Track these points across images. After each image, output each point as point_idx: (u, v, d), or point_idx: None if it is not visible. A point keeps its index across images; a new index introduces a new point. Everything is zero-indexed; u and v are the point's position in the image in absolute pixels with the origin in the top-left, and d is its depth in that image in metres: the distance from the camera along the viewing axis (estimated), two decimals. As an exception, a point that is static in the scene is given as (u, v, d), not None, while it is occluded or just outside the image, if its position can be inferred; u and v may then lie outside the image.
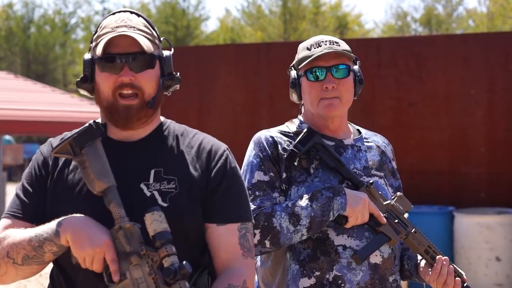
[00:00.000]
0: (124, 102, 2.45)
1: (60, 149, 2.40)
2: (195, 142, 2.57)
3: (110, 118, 2.50)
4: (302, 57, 3.14)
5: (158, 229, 2.27)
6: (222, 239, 2.50)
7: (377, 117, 8.82)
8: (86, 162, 2.37)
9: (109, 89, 2.45)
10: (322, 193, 2.98)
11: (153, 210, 2.28)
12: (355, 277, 3.02)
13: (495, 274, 8.06)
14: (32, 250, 2.36)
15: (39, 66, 43.83)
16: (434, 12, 41.52)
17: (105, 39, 2.44)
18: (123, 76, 2.43)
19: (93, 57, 2.49)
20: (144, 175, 2.46)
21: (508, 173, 8.69)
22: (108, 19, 2.54)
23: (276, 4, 40.32)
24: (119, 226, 2.31)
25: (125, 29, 2.47)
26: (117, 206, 2.33)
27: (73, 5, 49.84)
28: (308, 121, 3.19)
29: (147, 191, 2.44)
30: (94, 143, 2.40)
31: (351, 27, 42.05)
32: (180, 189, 2.45)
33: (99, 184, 2.35)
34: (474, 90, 8.89)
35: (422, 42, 9.90)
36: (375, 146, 3.25)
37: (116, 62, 2.44)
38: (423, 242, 3.16)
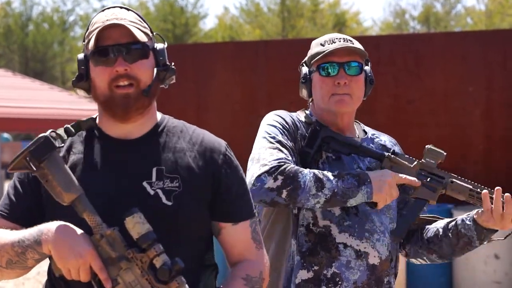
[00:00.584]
0: (121, 91, 2.42)
1: (17, 165, 2.35)
2: (195, 139, 2.56)
3: (108, 111, 2.47)
4: (315, 53, 3.15)
5: (142, 231, 2.26)
6: (238, 237, 2.54)
7: (375, 115, 8.83)
8: (48, 175, 2.33)
9: (105, 83, 2.43)
10: (348, 177, 2.94)
11: (133, 213, 2.27)
12: (352, 276, 3.03)
13: (493, 272, 8.07)
14: (15, 255, 2.35)
15: (37, 63, 43.81)
16: (432, 9, 41.54)
17: (95, 33, 2.43)
18: (117, 67, 2.41)
19: (86, 55, 2.48)
20: (146, 174, 2.43)
21: (506, 170, 8.69)
22: (98, 15, 2.52)
23: (275, 1, 40.32)
24: (100, 234, 2.29)
25: (116, 21, 2.45)
26: (92, 214, 2.31)
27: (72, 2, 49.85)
28: (316, 116, 3.19)
29: (151, 190, 2.42)
30: (53, 155, 2.35)
31: (350, 25, 42.05)
32: (183, 188, 2.44)
33: (68, 196, 2.31)
34: (472, 88, 8.90)
35: (420, 39, 9.90)
36: (382, 145, 3.24)
37: (109, 55, 2.43)
38: (463, 189, 3.08)
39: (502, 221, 3.05)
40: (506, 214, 3.05)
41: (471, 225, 3.11)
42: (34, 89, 19.53)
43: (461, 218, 3.16)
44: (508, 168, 8.70)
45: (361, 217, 3.07)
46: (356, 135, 3.22)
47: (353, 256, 3.04)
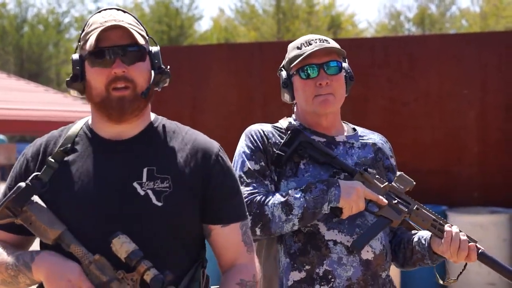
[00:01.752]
0: (117, 94, 2.42)
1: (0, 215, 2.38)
2: (188, 140, 2.55)
3: (104, 112, 2.46)
4: (293, 56, 3.16)
5: (130, 249, 2.29)
6: (228, 240, 2.54)
7: (370, 117, 8.83)
8: (32, 217, 2.36)
9: (101, 84, 2.42)
10: (316, 185, 2.99)
11: (118, 235, 2.30)
12: (345, 272, 3.04)
13: (487, 273, 8.07)
14: (8, 276, 2.39)
15: (33, 65, 43.76)
16: (427, 11, 41.57)
17: (95, 34, 2.42)
18: (115, 69, 2.41)
19: (81, 55, 2.47)
20: (136, 174, 2.43)
21: (501, 172, 8.70)
22: (94, 16, 2.52)
23: (270, 3, 40.32)
24: (88, 261, 2.32)
25: (114, 22, 2.45)
26: (77, 246, 2.34)
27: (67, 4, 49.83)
28: (301, 120, 3.21)
29: (141, 190, 2.41)
30: (33, 199, 2.38)
31: (345, 27, 42.05)
32: (174, 188, 2.44)
33: (53, 232, 2.34)
34: (467, 90, 8.91)
35: (415, 41, 9.91)
36: (371, 143, 3.26)
37: (107, 56, 2.42)
38: (427, 217, 3.14)
39: (455, 257, 3.13)
40: (461, 252, 3.11)
41: (425, 246, 3.17)
42: (29, 91, 19.50)
43: (418, 236, 3.21)
44: (502, 170, 8.71)
45: None
46: (344, 133, 3.23)
47: (344, 252, 3.05)
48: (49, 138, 2.55)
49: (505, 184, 8.67)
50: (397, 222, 3.11)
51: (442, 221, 3.15)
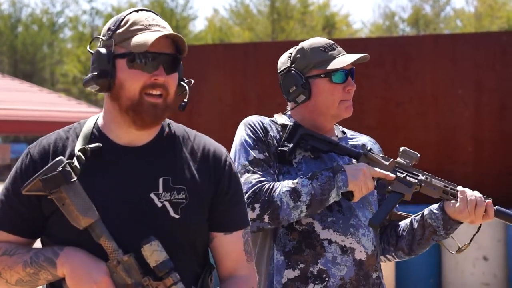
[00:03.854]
0: (151, 100, 2.36)
1: (32, 187, 2.32)
2: (197, 146, 2.51)
3: (132, 117, 2.37)
4: (321, 59, 3.17)
5: (160, 259, 2.26)
6: (229, 248, 2.51)
7: (364, 117, 8.84)
8: (66, 199, 2.30)
9: (137, 87, 2.35)
10: (322, 173, 3.02)
11: (150, 241, 2.27)
12: (339, 272, 3.05)
13: (482, 274, 8.09)
14: (26, 275, 2.33)
15: (27, 65, 43.73)
16: (421, 12, 41.63)
17: (147, 36, 2.35)
18: (159, 76, 2.35)
19: (112, 52, 2.38)
20: (153, 184, 2.39)
21: (495, 173, 8.72)
22: (134, 16, 2.43)
23: (264, 3, 40.35)
24: (116, 260, 2.28)
25: (159, 28, 2.40)
26: (108, 240, 2.29)
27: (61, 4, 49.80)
28: (301, 119, 3.22)
29: (158, 202, 2.37)
30: (71, 182, 2.31)
31: (339, 27, 42.11)
32: (190, 199, 2.41)
33: (85, 220, 2.29)
34: (462, 90, 8.92)
35: (409, 42, 9.93)
36: (361, 145, 3.28)
37: (151, 61, 2.36)
38: (438, 184, 3.15)
39: (473, 215, 3.12)
40: (478, 208, 3.11)
41: (438, 214, 3.16)
42: (23, 91, 19.48)
43: (428, 209, 3.21)
44: (496, 170, 8.72)
45: (345, 213, 3.10)
46: (334, 135, 3.26)
47: (338, 252, 3.06)
48: (57, 139, 2.45)
49: (500, 184, 8.68)
50: (409, 195, 3.12)
51: (453, 185, 3.16)
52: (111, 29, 2.42)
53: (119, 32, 2.39)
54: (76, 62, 40.22)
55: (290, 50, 3.26)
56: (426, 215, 3.19)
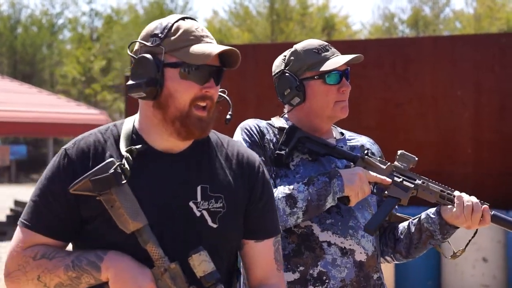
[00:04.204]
0: (199, 113, 2.35)
1: (80, 187, 2.27)
2: (231, 152, 2.50)
3: (178, 128, 2.35)
4: (315, 61, 3.17)
5: (208, 270, 2.26)
6: (260, 256, 2.50)
7: (363, 118, 8.85)
8: (116, 202, 2.27)
9: (188, 98, 2.33)
10: (318, 178, 3.01)
11: (199, 251, 2.26)
12: (339, 273, 3.05)
13: (481, 275, 8.09)
14: (68, 279, 2.30)
15: (26, 66, 43.71)
16: (421, 13, 41.63)
17: (207, 49, 2.33)
18: (210, 89, 2.36)
19: (163, 61, 2.34)
20: (191, 192, 2.37)
21: (495, 173, 8.72)
22: (184, 24, 2.39)
23: (264, 5, 40.35)
24: (164, 268, 2.27)
25: (209, 39, 2.38)
26: (155, 246, 2.27)
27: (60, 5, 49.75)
28: (297, 121, 3.22)
29: (197, 211, 2.36)
30: (122, 185, 2.29)
31: (338, 28, 42.11)
32: (227, 208, 2.40)
33: (134, 224, 2.26)
34: (461, 91, 8.92)
35: (409, 43, 9.92)
36: (359, 146, 3.28)
37: (204, 73, 2.35)
38: (435, 189, 3.13)
39: (470, 221, 3.10)
40: (475, 214, 3.09)
41: (435, 218, 3.15)
42: (22, 93, 19.49)
43: (425, 213, 3.20)
44: (496, 170, 8.72)
45: (344, 214, 3.10)
46: (332, 136, 3.25)
47: (338, 253, 3.06)
48: (96, 141, 2.40)
49: (500, 184, 8.68)
50: (406, 200, 3.11)
51: (450, 190, 3.14)
52: (158, 35, 2.37)
53: (169, 40, 2.36)
54: (75, 63, 40.21)
55: (284, 52, 3.26)
56: (423, 219, 3.18)
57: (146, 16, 42.42)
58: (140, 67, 2.36)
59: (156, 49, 2.35)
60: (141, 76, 2.34)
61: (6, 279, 2.37)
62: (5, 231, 16.34)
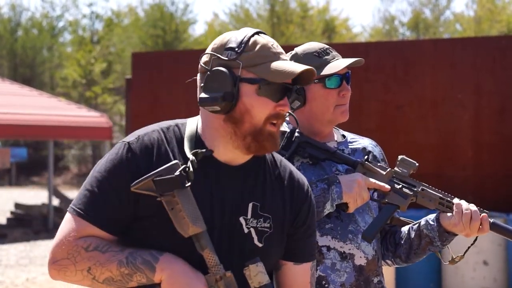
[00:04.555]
0: (271, 129, 2.35)
1: (143, 186, 2.26)
2: (283, 172, 2.50)
3: (249, 142, 2.34)
4: (318, 64, 3.17)
5: (263, 282, 2.26)
6: (297, 279, 2.50)
7: (364, 120, 8.85)
8: (177, 204, 2.25)
9: (264, 115, 2.33)
10: (317, 184, 3.01)
11: (257, 262, 2.27)
12: (339, 278, 3.05)
13: (482, 278, 8.09)
14: (119, 275, 2.28)
15: (26, 69, 43.72)
16: (421, 16, 41.65)
17: (287, 67, 2.33)
18: (285, 107, 2.34)
19: (240, 76, 2.33)
20: (242, 207, 2.38)
21: (495, 175, 8.72)
22: (260, 39, 2.38)
23: (264, 8, 40.38)
24: (219, 275, 2.26)
25: (284, 56, 2.38)
26: (212, 252, 2.26)
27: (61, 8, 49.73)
28: (301, 126, 3.22)
29: (245, 227, 2.37)
30: (185, 187, 2.27)
31: (339, 31, 42.12)
32: (274, 229, 2.40)
33: (193, 229, 2.25)
34: (461, 94, 8.93)
35: (409, 46, 9.93)
36: (361, 148, 3.27)
37: (279, 90, 2.34)
38: (434, 196, 3.12)
39: (468, 229, 3.10)
40: (474, 222, 3.09)
41: (434, 225, 3.15)
42: (23, 95, 19.50)
43: (425, 219, 3.20)
44: (496, 173, 8.72)
45: (344, 219, 3.10)
46: (334, 139, 3.25)
47: (337, 258, 3.06)
48: (159, 139, 2.38)
49: (500, 186, 8.69)
50: (405, 207, 3.11)
51: (449, 197, 3.14)
52: (235, 49, 2.35)
53: (247, 55, 2.34)
54: (76, 66, 40.19)
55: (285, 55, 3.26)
56: (422, 226, 3.18)
57: (147, 18, 42.44)
58: (214, 81, 2.34)
59: (232, 63, 2.33)
60: (216, 90, 2.33)
61: (51, 266, 2.33)
62: (5, 233, 16.34)
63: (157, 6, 42.44)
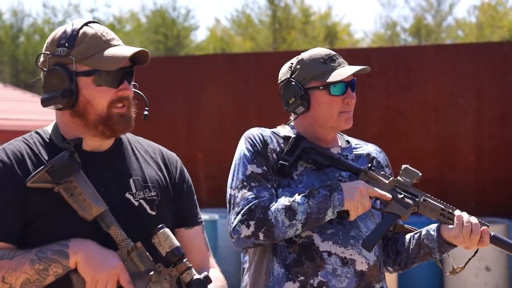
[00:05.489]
0: (119, 110, 2.42)
1: (38, 178, 2.32)
2: (151, 148, 2.61)
3: (102, 129, 2.42)
4: (321, 71, 3.16)
5: (173, 245, 2.32)
6: (193, 242, 2.59)
7: (366, 126, 8.85)
8: (76, 189, 2.32)
9: (105, 103, 2.40)
10: (319, 191, 3.02)
11: (162, 228, 2.32)
12: (340, 283, 3.05)
13: (484, 284, 8.08)
14: (35, 273, 2.30)
15: (28, 75, 43.72)
16: (423, 22, 41.64)
17: (117, 53, 2.38)
18: (126, 91, 2.42)
19: (75, 70, 2.39)
20: (125, 185, 2.46)
21: (497, 181, 8.71)
22: (89, 30, 2.42)
23: (266, 13, 40.39)
24: (131, 247, 2.33)
25: (116, 42, 2.43)
26: (118, 228, 2.34)
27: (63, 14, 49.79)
28: (302, 130, 3.22)
29: (134, 201, 2.45)
30: (80, 172, 2.35)
31: (341, 37, 42.11)
32: (161, 196, 2.50)
33: (96, 209, 2.33)
34: (463, 99, 8.92)
35: (411, 52, 9.93)
36: (365, 154, 3.27)
37: (117, 77, 2.40)
38: (436, 207, 3.13)
39: (468, 241, 3.10)
40: (474, 235, 3.09)
41: (434, 236, 3.15)
42: (25, 101, 19.51)
43: (426, 229, 3.20)
44: (498, 178, 8.72)
45: (346, 224, 3.10)
46: (338, 145, 3.24)
47: (338, 263, 3.06)
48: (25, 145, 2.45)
49: (502, 192, 8.68)
50: (406, 217, 3.11)
51: (451, 209, 3.13)
52: (65, 45, 2.40)
53: (78, 49, 2.40)
54: (77, 72, 40.17)
55: (291, 60, 3.25)
56: (423, 235, 3.18)
57: (148, 24, 42.46)
58: (52, 79, 2.40)
59: (66, 59, 2.40)
60: (54, 88, 2.39)
61: None
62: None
63: (158, 12, 42.46)
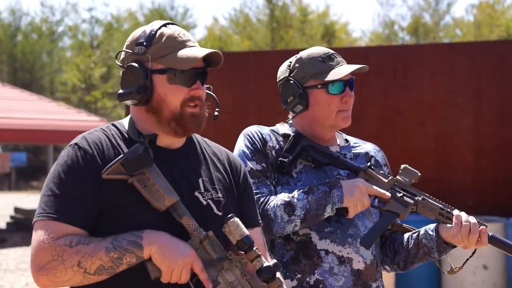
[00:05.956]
0: (192, 110, 2.52)
1: (113, 170, 2.39)
2: (215, 149, 2.71)
3: (174, 127, 2.52)
4: (320, 70, 3.16)
5: (244, 234, 2.39)
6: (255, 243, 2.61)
7: (364, 125, 8.85)
8: (149, 180, 2.40)
9: (178, 101, 2.51)
10: (319, 187, 3.03)
11: (232, 217, 2.40)
12: (336, 282, 3.06)
13: (482, 283, 8.08)
14: (109, 261, 2.34)
15: (26, 74, 43.70)
16: (421, 20, 41.65)
17: (191, 53, 2.50)
18: (198, 90, 2.53)
19: (150, 68, 2.51)
20: (194, 184, 2.54)
21: (495, 180, 8.72)
22: (166, 31, 2.56)
23: (264, 12, 40.39)
24: (203, 236, 2.40)
25: (192, 43, 2.56)
26: (190, 218, 2.41)
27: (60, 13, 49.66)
28: (301, 128, 3.23)
29: (203, 200, 2.53)
30: (152, 164, 2.44)
31: (339, 36, 42.10)
32: (226, 198, 2.58)
33: (169, 199, 2.40)
34: (461, 99, 8.93)
35: (409, 50, 9.94)
36: (364, 153, 3.28)
37: (189, 76, 2.51)
38: (434, 206, 3.14)
39: (466, 241, 3.11)
40: (472, 235, 3.10)
41: (433, 235, 3.16)
42: (23, 100, 19.51)
43: (424, 229, 3.21)
44: (496, 178, 8.72)
45: (344, 223, 3.11)
46: (336, 143, 3.25)
47: (335, 262, 3.07)
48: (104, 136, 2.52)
49: (500, 191, 8.69)
50: (404, 216, 3.13)
51: (449, 208, 3.15)
52: (143, 44, 2.53)
53: (155, 47, 2.52)
54: (75, 70, 40.19)
55: (290, 59, 3.26)
56: (421, 235, 3.19)
57: (147, 23, 42.32)
58: (129, 76, 2.51)
59: (143, 57, 2.52)
60: (131, 84, 2.50)
61: (38, 274, 2.37)
62: (5, 238, 16.32)
63: (156, 10, 42.48)
